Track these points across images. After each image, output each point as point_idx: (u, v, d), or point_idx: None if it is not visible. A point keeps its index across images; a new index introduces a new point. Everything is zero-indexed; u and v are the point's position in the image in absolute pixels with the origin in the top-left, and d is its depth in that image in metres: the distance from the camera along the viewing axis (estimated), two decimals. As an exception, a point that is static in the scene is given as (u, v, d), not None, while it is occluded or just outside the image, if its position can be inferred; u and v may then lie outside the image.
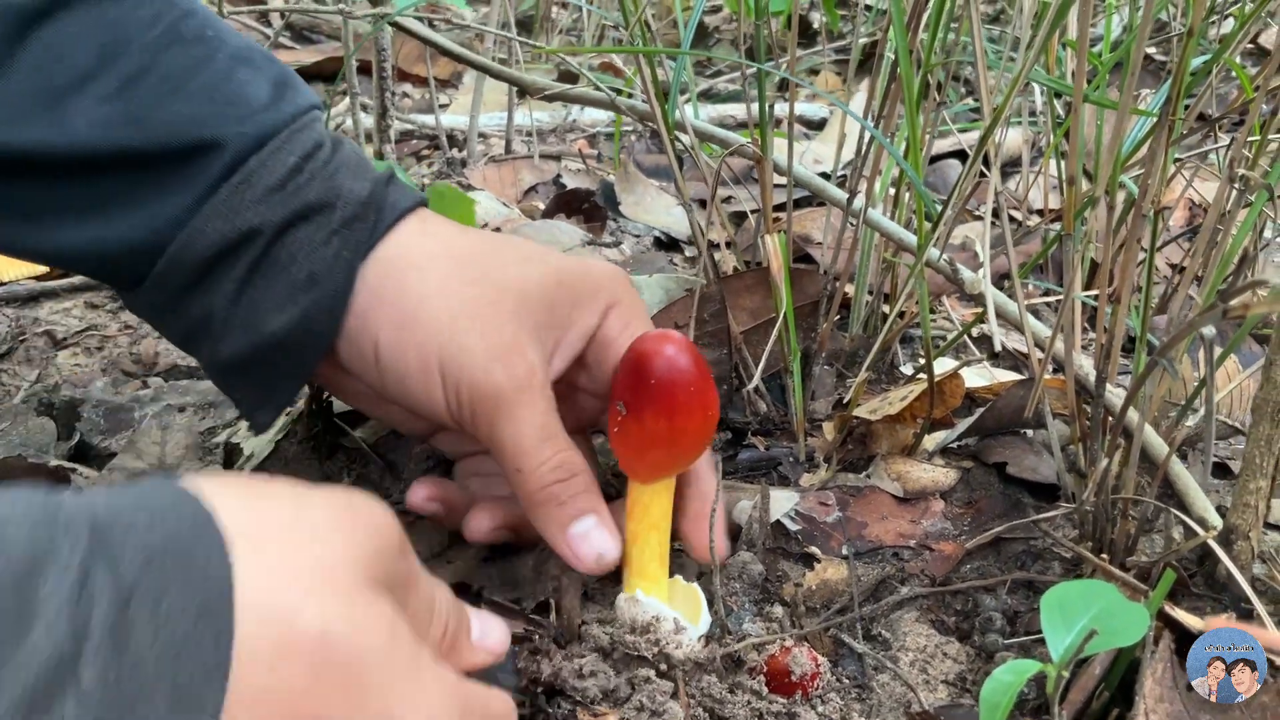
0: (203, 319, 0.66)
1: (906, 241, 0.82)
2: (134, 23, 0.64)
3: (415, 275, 0.66)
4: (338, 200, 0.65)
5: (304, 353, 0.66)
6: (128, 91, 0.63)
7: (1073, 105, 0.68)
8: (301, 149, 0.65)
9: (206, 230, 0.63)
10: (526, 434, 0.63)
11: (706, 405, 0.64)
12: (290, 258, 0.64)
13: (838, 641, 0.70)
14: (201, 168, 0.63)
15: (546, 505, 0.64)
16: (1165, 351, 0.54)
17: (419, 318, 0.64)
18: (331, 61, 1.85)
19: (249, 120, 0.64)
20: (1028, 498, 0.82)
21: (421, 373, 0.64)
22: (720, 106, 1.70)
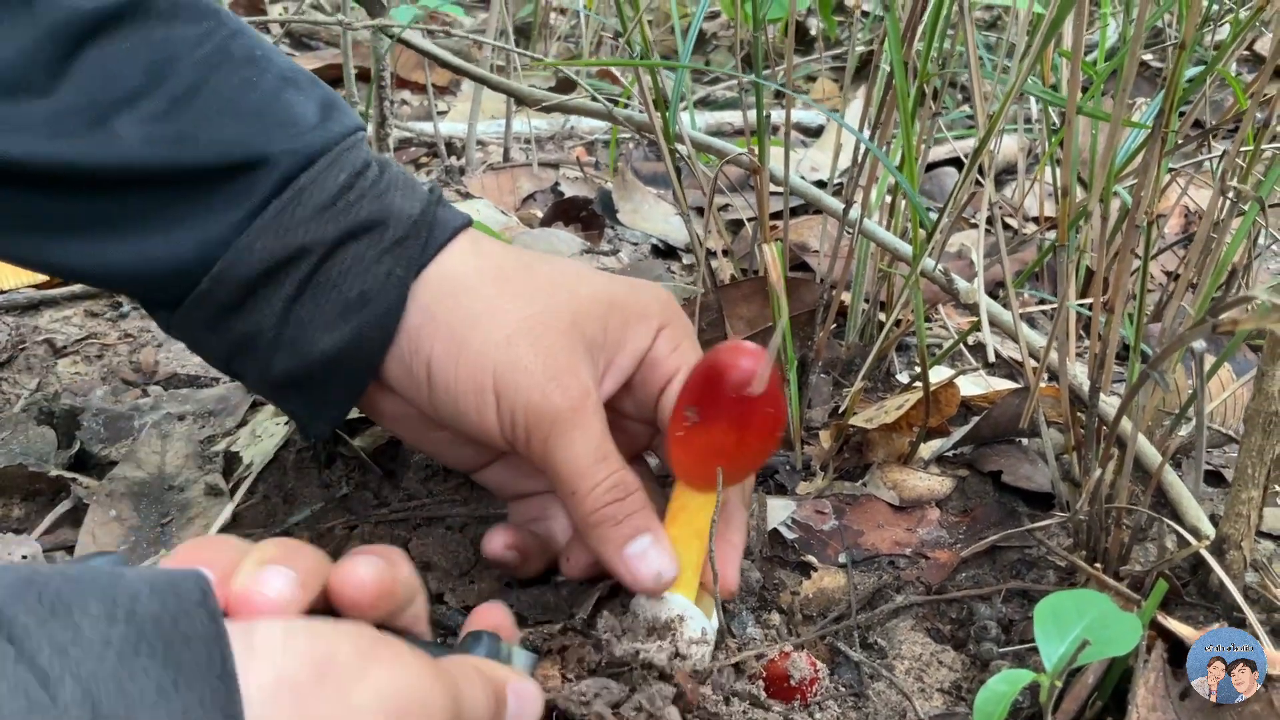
0: (248, 338, 0.66)
1: (902, 251, 0.83)
2: (183, 41, 0.64)
3: (468, 295, 0.65)
4: (389, 219, 0.65)
5: (356, 371, 0.66)
6: (176, 110, 0.63)
7: (1067, 116, 0.68)
8: (351, 167, 0.65)
9: (255, 247, 0.63)
10: (581, 455, 0.63)
11: (778, 426, 0.63)
12: (341, 276, 0.64)
13: (834, 649, 0.71)
14: (250, 185, 0.63)
15: (602, 526, 0.64)
16: (1157, 365, 0.55)
17: (472, 338, 0.64)
18: (331, 69, 1.86)
19: (298, 139, 0.64)
20: (1023, 506, 0.83)
21: (475, 393, 0.64)
22: (717, 114, 1.71)
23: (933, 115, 0.84)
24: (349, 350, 0.65)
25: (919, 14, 0.73)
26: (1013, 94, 0.62)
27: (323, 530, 0.82)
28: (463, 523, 0.81)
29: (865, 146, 0.80)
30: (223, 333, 0.66)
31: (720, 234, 1.06)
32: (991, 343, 0.68)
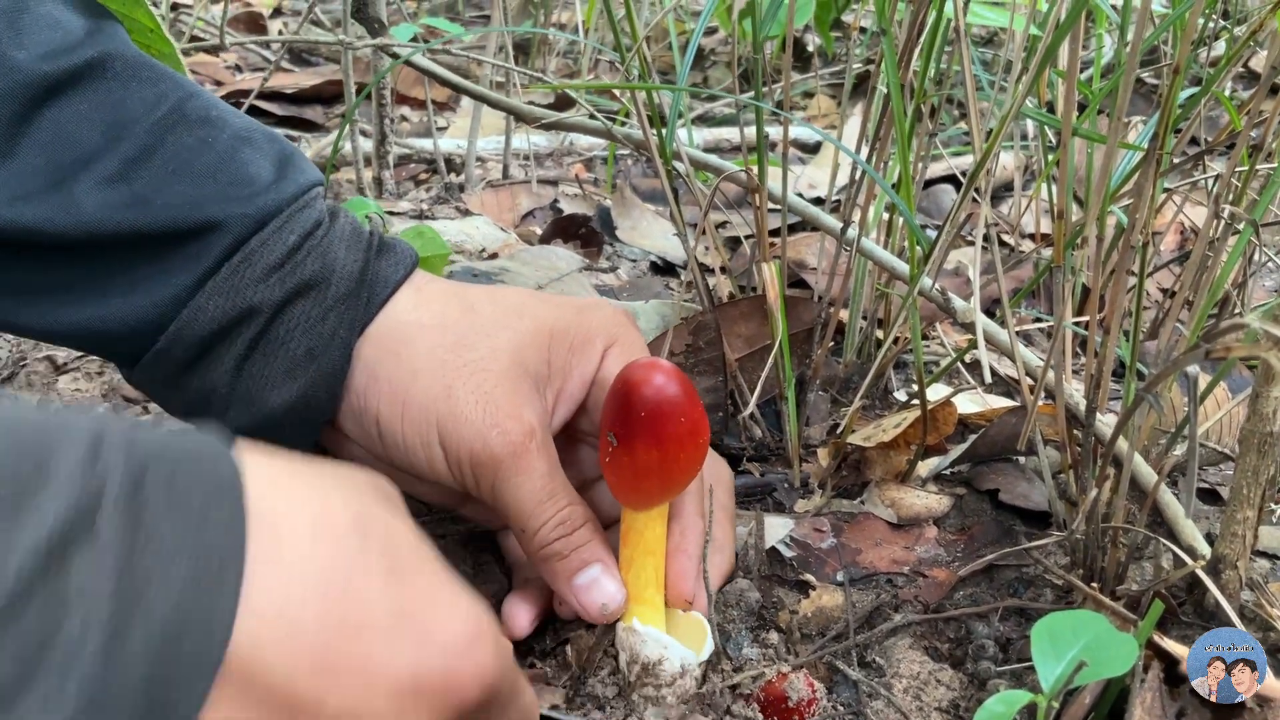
0: (204, 394, 0.67)
1: (900, 271, 0.83)
2: (139, 103, 0.65)
3: (409, 349, 0.67)
4: (332, 276, 0.67)
5: (305, 427, 0.68)
6: (132, 172, 0.64)
7: (1062, 139, 0.69)
8: (302, 228, 0.67)
9: (208, 308, 0.64)
10: (526, 497, 0.65)
11: (697, 434, 0.65)
12: (289, 334, 0.66)
13: (832, 668, 0.71)
14: (204, 248, 0.65)
15: (550, 560, 0.66)
16: (1151, 388, 0.55)
17: (414, 392, 0.66)
18: (330, 84, 1.87)
19: (250, 201, 0.66)
20: (1019, 524, 0.83)
21: (423, 447, 0.66)
22: (716, 130, 1.72)
23: (929, 135, 0.84)
24: (298, 407, 0.67)
25: (915, 37, 0.73)
26: (1010, 118, 0.63)
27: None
28: (464, 538, 0.82)
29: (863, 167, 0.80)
30: (180, 389, 0.68)
31: (718, 251, 1.06)
32: (989, 362, 0.69)
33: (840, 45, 2.32)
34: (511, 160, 1.51)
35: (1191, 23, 0.63)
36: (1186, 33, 0.63)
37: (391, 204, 1.29)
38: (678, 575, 0.70)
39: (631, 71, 0.83)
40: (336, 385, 0.67)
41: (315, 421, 0.68)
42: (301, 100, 1.84)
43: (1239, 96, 1.76)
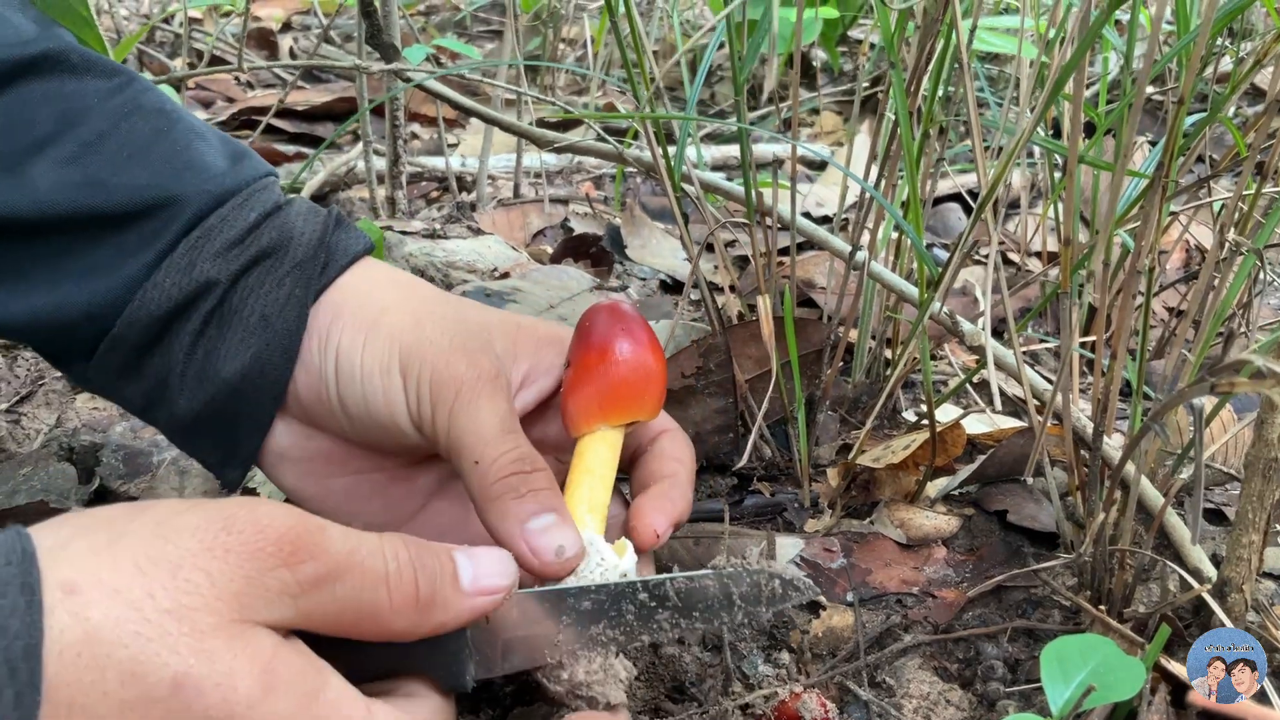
0: (160, 378, 0.66)
1: (909, 295, 0.84)
2: (94, 93, 0.65)
3: (379, 292, 0.67)
4: (289, 243, 0.66)
5: (260, 397, 0.65)
6: (87, 156, 0.63)
7: (1068, 167, 0.70)
8: (263, 206, 0.66)
9: (164, 284, 0.63)
10: (486, 423, 0.61)
11: (639, 342, 0.66)
12: (242, 303, 0.64)
13: (844, 688, 0.72)
14: (162, 225, 0.64)
15: (503, 499, 0.60)
16: (1157, 418, 0.56)
17: (381, 323, 0.64)
18: (341, 101, 1.89)
19: (209, 181, 0.65)
20: (1028, 545, 0.84)
21: (381, 374, 0.63)
22: (723, 147, 1.73)
23: (936, 160, 0.85)
24: (252, 374, 0.64)
25: (923, 66, 0.74)
26: (1018, 148, 0.64)
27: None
28: None
29: (870, 193, 0.81)
30: (136, 377, 0.66)
31: (727, 269, 1.08)
32: (997, 388, 0.70)
33: (846, 60, 2.34)
34: (522, 179, 1.52)
35: (1196, 55, 0.64)
36: (1191, 65, 0.64)
37: (404, 223, 1.30)
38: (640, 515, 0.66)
39: (639, 94, 0.84)
40: (292, 347, 0.64)
41: (270, 390, 0.65)
42: (313, 117, 1.85)
43: (1243, 114, 1.77)
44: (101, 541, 0.44)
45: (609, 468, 0.66)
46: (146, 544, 0.44)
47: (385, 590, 0.49)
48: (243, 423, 0.66)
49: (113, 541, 0.44)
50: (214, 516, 0.46)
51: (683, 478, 0.68)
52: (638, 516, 0.65)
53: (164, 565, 0.43)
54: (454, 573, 0.52)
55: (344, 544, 0.48)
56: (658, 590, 0.58)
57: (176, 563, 0.44)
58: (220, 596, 0.44)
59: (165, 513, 0.46)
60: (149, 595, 0.43)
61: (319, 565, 0.47)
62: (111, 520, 0.45)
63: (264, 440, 0.67)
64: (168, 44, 2.34)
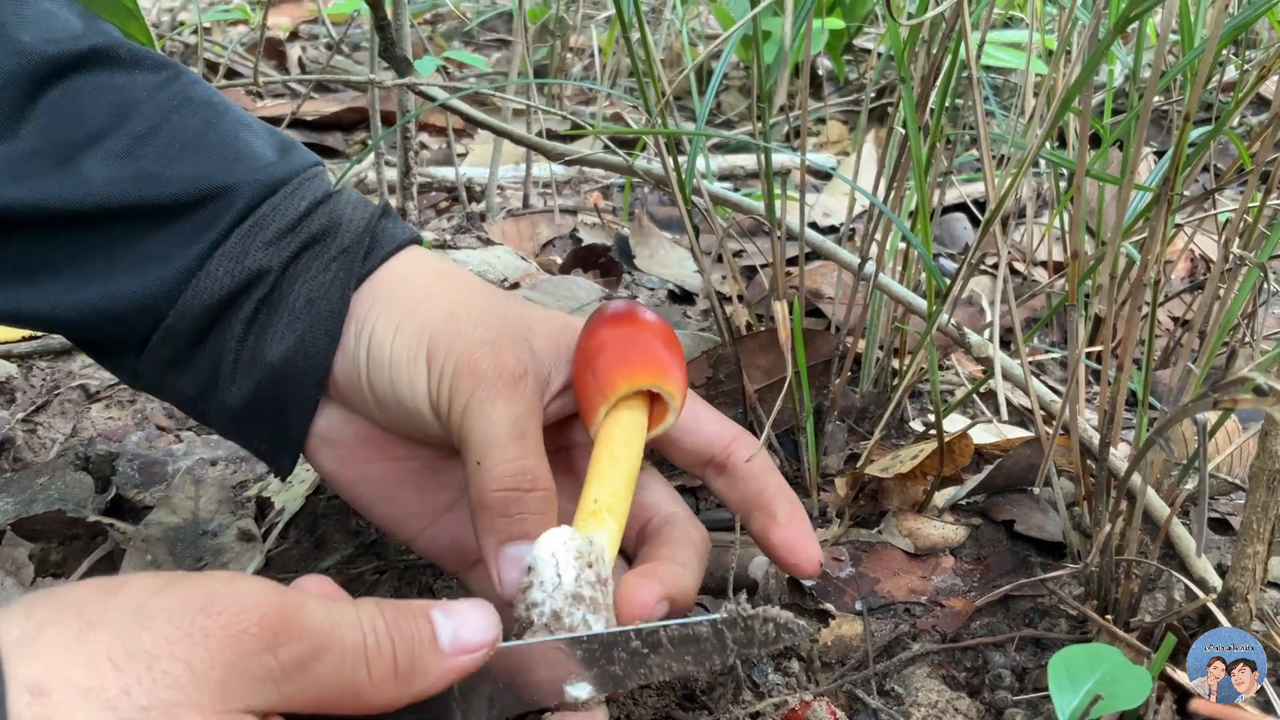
0: (212, 368, 0.66)
1: (917, 307, 0.85)
2: (143, 86, 0.66)
3: (420, 282, 0.67)
4: (338, 229, 0.66)
5: (305, 380, 0.65)
6: (139, 149, 0.64)
7: (1075, 181, 0.71)
8: (313, 195, 0.67)
9: (217, 274, 0.64)
10: (499, 423, 0.60)
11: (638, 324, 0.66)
12: (290, 288, 0.65)
13: (852, 696, 0.73)
14: (215, 215, 0.64)
15: (491, 511, 0.59)
16: (1162, 432, 0.57)
17: (418, 312, 0.64)
18: (350, 111, 1.90)
19: (261, 170, 0.66)
20: (1035, 555, 0.85)
21: (409, 361, 0.63)
22: (730, 157, 1.74)
23: (944, 173, 0.86)
24: (296, 357, 0.64)
25: (933, 81, 0.75)
26: (1026, 164, 0.65)
27: (352, 575, 0.84)
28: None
29: (879, 208, 0.82)
30: (188, 368, 0.66)
31: (735, 279, 1.09)
32: (1005, 400, 0.70)
33: (851, 69, 2.35)
34: (531, 189, 1.54)
35: (1203, 70, 0.65)
36: (1197, 82, 0.65)
37: (415, 234, 1.32)
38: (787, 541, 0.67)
39: (650, 107, 0.85)
40: (335, 330, 0.64)
41: (314, 373, 0.65)
42: (322, 127, 1.87)
43: (1247, 123, 1.77)
44: (72, 633, 0.41)
45: (629, 448, 0.62)
46: (121, 635, 0.42)
47: (364, 666, 0.47)
48: (290, 407, 0.67)
49: (83, 633, 0.41)
50: (193, 596, 0.44)
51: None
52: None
53: (140, 658, 0.41)
54: (432, 635, 0.50)
55: (324, 620, 0.47)
56: (650, 638, 0.56)
57: (153, 654, 0.42)
58: (201, 688, 0.42)
59: (140, 594, 0.44)
60: (124, 693, 0.40)
61: (301, 646, 0.45)
62: (82, 606, 0.43)
63: (310, 423, 0.68)
64: (177, 53, 2.36)
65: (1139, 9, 0.55)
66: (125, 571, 0.83)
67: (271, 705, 0.45)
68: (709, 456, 0.70)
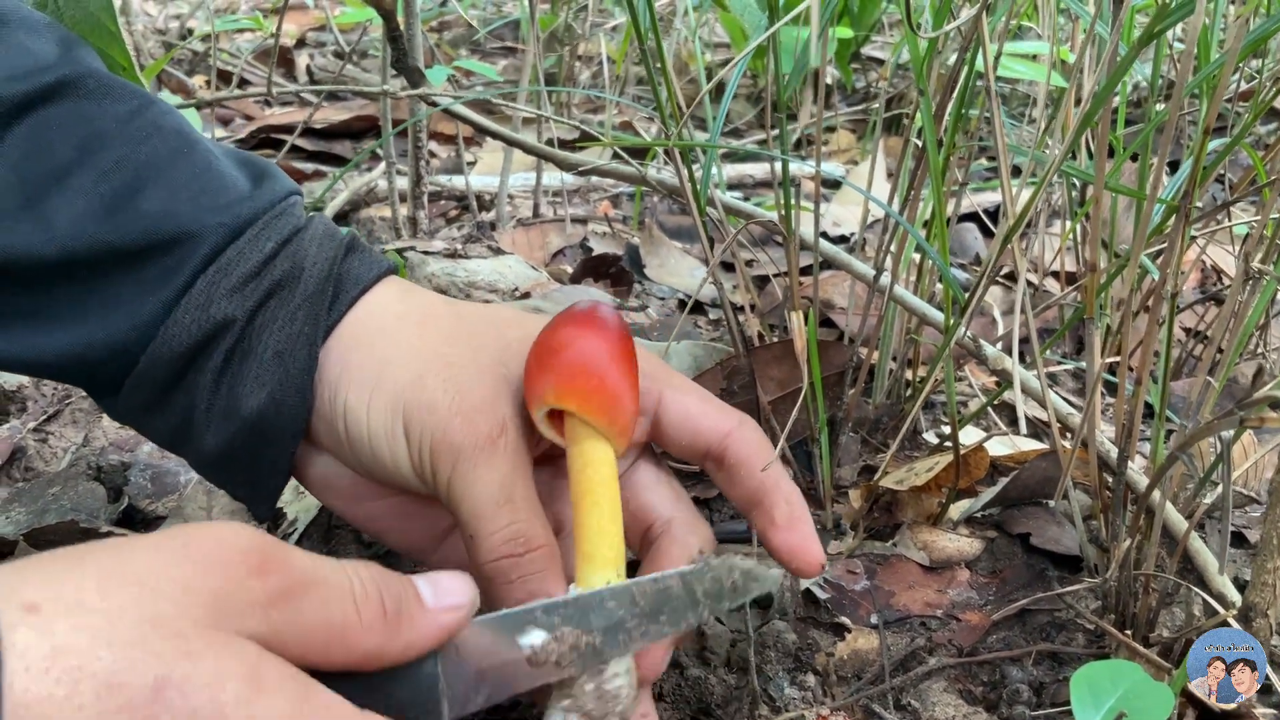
0: (186, 415, 0.65)
1: (933, 319, 0.85)
2: (112, 117, 0.64)
3: (384, 339, 0.64)
4: (301, 274, 0.64)
5: (280, 435, 0.64)
6: (106, 182, 0.62)
7: (1094, 193, 0.71)
8: (279, 235, 0.65)
9: (184, 322, 0.62)
10: (482, 495, 0.59)
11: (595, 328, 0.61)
12: (259, 339, 0.63)
13: (869, 711, 0.73)
14: (180, 261, 0.63)
15: (494, 581, 0.59)
16: (1184, 449, 0.57)
17: (383, 381, 0.62)
18: (359, 120, 1.90)
19: (226, 210, 0.64)
20: (1051, 569, 0.84)
21: (386, 436, 0.61)
22: (739, 166, 1.74)
23: (960, 184, 0.86)
24: (269, 413, 0.63)
25: (950, 94, 0.75)
26: (1047, 178, 0.65)
27: (366, 587, 0.84)
28: None
29: (895, 219, 0.82)
30: (164, 413, 0.65)
31: (747, 289, 1.08)
32: (1023, 414, 0.70)
33: (859, 77, 2.35)
34: (541, 198, 1.54)
35: (1223, 84, 0.65)
36: (1216, 94, 0.65)
37: (426, 243, 1.31)
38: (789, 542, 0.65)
39: (665, 120, 0.85)
40: (305, 387, 0.63)
41: (288, 429, 0.64)
42: (331, 135, 1.87)
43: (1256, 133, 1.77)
44: (60, 567, 0.42)
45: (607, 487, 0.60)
46: (110, 562, 0.42)
47: (353, 605, 0.47)
48: (264, 461, 0.65)
49: (73, 566, 0.42)
50: (174, 535, 0.44)
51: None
52: None
53: (131, 579, 0.42)
54: (416, 593, 0.50)
55: (309, 561, 0.47)
56: (624, 597, 0.56)
57: (143, 575, 0.42)
58: (196, 604, 0.42)
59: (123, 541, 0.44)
60: (120, 608, 0.41)
61: (286, 578, 0.45)
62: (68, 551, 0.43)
63: (285, 480, 0.67)
64: (185, 61, 2.36)
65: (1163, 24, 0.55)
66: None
67: (262, 635, 0.44)
68: (705, 449, 0.67)
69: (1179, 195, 0.69)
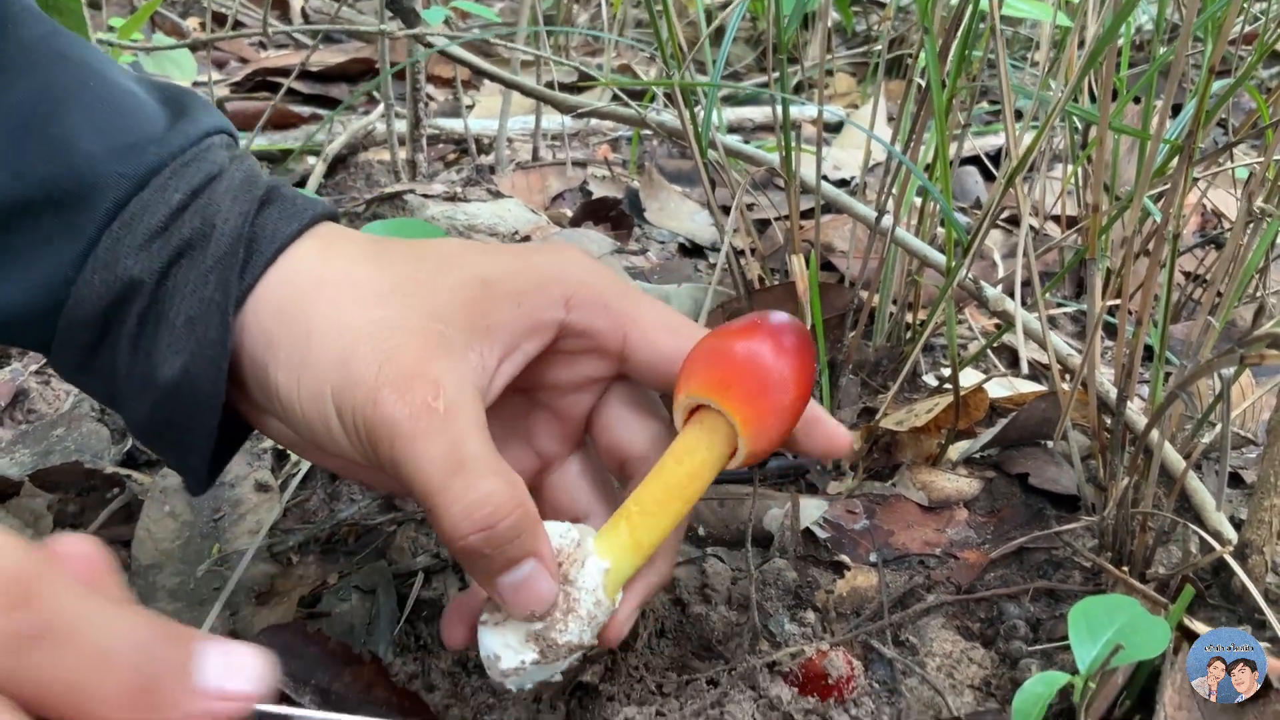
0: (112, 379, 0.60)
1: (935, 261, 0.85)
2: (16, 44, 0.59)
3: (306, 311, 0.58)
4: (212, 233, 0.58)
5: (199, 408, 0.59)
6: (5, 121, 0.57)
7: (1098, 133, 0.71)
8: (189, 185, 0.59)
9: (93, 283, 0.57)
10: (429, 468, 0.53)
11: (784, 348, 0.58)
12: (170, 304, 0.58)
13: (868, 647, 0.74)
14: (83, 216, 0.58)
15: (469, 558, 0.54)
16: (1185, 386, 0.58)
17: (309, 359, 0.56)
18: (355, 62, 1.88)
19: (131, 156, 0.58)
20: (1049, 508, 0.85)
21: (320, 420, 0.56)
22: (739, 109, 1.73)
23: (962, 126, 0.86)
24: (184, 384, 0.58)
25: (954, 34, 0.75)
26: (1052, 116, 0.64)
27: (369, 526, 0.85)
28: None
29: (898, 159, 0.82)
30: (95, 375, 0.61)
31: (748, 232, 1.08)
32: (1025, 356, 0.71)
33: (859, 20, 2.33)
34: (540, 141, 1.53)
35: (1228, 25, 0.64)
36: (1221, 35, 0.65)
37: (426, 186, 1.31)
38: None
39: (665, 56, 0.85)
40: (219, 359, 0.57)
41: (207, 403, 0.58)
42: (327, 78, 1.85)
43: (1258, 75, 1.76)
44: None
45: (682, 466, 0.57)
46: None
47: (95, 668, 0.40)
48: (188, 434, 0.60)
49: None
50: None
51: None
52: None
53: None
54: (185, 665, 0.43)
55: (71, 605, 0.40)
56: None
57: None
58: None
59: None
60: None
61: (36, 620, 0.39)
62: None
63: (209, 452, 0.61)
64: (180, 2, 2.34)
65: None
66: (144, 524, 0.83)
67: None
68: (668, 377, 0.62)
69: (1183, 135, 0.69)
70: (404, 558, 0.81)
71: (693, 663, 0.72)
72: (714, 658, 0.72)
